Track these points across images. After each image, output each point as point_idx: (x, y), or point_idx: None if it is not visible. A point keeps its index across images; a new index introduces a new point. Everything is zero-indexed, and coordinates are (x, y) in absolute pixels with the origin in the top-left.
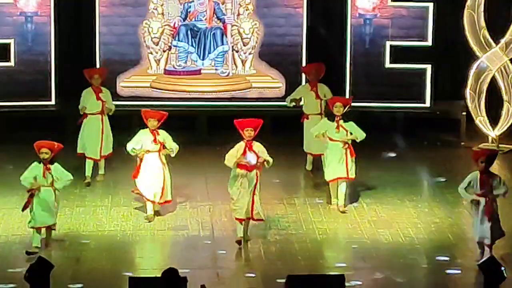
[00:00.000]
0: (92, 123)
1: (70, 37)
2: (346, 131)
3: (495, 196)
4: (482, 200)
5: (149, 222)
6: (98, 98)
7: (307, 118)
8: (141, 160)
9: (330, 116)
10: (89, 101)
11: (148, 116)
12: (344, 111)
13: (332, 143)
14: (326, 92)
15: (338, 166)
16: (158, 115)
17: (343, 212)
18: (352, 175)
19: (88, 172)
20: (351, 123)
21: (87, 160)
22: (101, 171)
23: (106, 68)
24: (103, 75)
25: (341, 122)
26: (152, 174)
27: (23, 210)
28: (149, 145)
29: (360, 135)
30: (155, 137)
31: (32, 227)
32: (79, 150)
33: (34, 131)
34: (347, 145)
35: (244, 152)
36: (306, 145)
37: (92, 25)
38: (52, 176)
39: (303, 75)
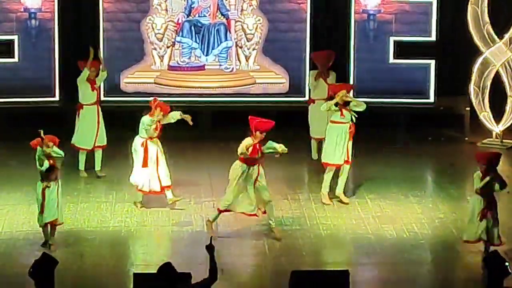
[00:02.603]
0: (88, 114)
1: (73, 33)
2: (350, 112)
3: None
4: (481, 200)
5: (140, 207)
6: (93, 89)
7: (313, 102)
8: (146, 149)
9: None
10: (85, 92)
11: (159, 107)
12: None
13: (335, 125)
14: (333, 78)
15: (339, 151)
16: (167, 110)
17: (342, 201)
18: (351, 159)
19: (82, 166)
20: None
21: (80, 152)
22: (97, 167)
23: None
24: (97, 68)
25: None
26: (152, 163)
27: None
28: (152, 132)
29: (360, 106)
30: (156, 126)
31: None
32: (73, 142)
33: (38, 128)
34: (351, 128)
35: (255, 152)
36: (312, 130)
37: (95, 21)
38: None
39: (307, 70)
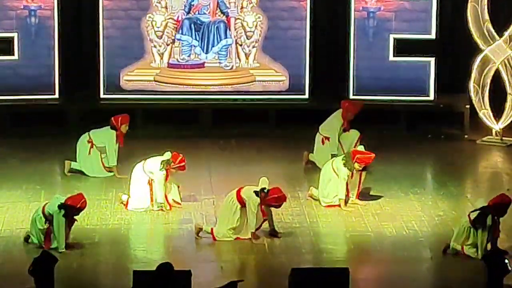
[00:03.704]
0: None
1: (73, 31)
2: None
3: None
4: (469, 228)
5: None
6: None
7: (328, 140)
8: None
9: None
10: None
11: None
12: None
13: None
14: (352, 141)
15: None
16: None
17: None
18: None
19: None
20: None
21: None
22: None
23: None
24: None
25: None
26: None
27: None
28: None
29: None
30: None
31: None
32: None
33: (38, 125)
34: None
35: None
36: (318, 161)
37: (95, 18)
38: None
39: (307, 68)
